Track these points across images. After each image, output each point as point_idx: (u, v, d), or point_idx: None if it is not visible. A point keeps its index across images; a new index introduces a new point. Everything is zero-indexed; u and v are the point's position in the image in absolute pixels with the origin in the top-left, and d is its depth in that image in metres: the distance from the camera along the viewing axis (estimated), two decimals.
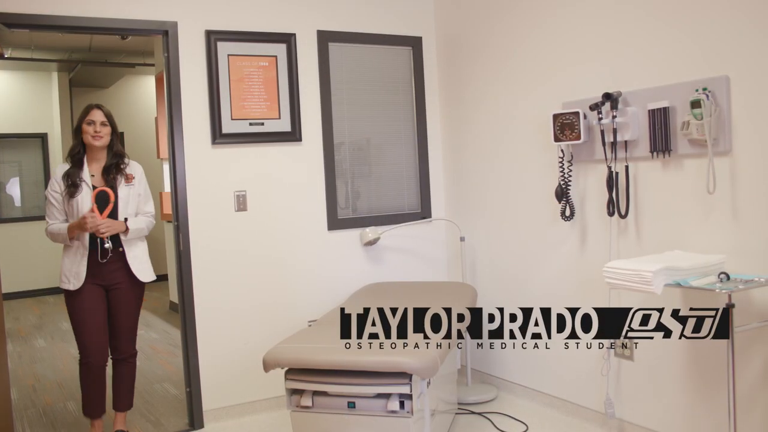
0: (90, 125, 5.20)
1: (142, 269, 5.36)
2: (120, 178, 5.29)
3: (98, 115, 5.23)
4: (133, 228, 5.22)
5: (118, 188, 5.25)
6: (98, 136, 5.21)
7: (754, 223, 4.10)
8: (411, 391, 4.06)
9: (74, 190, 5.16)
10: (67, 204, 5.19)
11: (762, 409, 4.16)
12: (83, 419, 6.11)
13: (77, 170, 5.24)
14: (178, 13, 5.71)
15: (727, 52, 4.17)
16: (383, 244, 6.55)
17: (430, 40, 6.86)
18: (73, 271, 5.21)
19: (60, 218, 5.25)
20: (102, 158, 5.32)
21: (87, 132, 5.20)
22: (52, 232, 5.25)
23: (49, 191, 5.27)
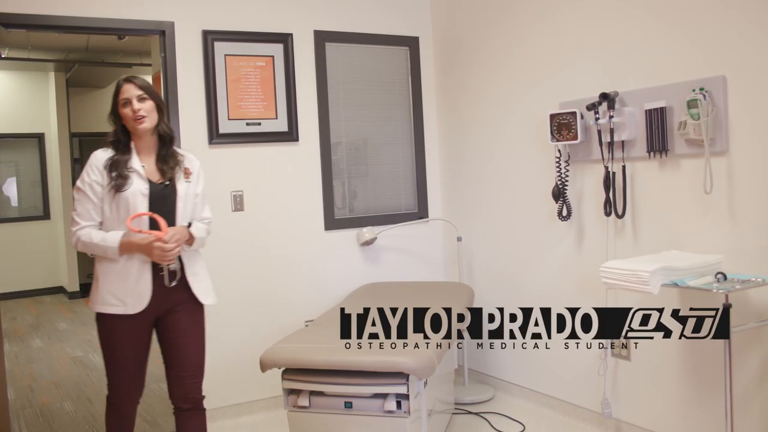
0: (126, 106, 4.00)
1: (204, 288, 4.32)
2: (178, 170, 4.20)
3: (132, 89, 4.01)
4: (197, 237, 4.20)
5: (177, 183, 4.16)
6: (140, 116, 4.00)
7: (751, 223, 4.11)
8: (408, 391, 4.06)
9: (122, 182, 3.97)
10: (111, 200, 3.99)
11: (759, 408, 4.16)
12: (80, 419, 6.11)
13: (125, 157, 4.05)
14: (175, 13, 5.71)
15: (724, 52, 4.17)
16: (380, 244, 6.55)
17: (427, 40, 6.87)
18: (129, 289, 4.00)
19: (96, 219, 4.03)
20: (151, 143, 4.16)
21: (126, 117, 4.02)
22: (86, 243, 4.01)
23: (86, 182, 4.00)
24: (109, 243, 3.95)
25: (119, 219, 3.99)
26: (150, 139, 4.13)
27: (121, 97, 4.03)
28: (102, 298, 4.04)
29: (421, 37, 6.83)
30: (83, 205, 4.02)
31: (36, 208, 13.73)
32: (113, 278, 4.02)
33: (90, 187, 4.00)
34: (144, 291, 3.99)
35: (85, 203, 4.01)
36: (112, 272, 4.03)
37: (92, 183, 4.00)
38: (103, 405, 6.29)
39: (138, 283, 3.99)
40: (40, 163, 13.71)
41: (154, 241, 3.90)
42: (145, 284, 4.00)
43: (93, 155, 4.06)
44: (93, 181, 4.00)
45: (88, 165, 4.05)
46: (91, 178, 4.01)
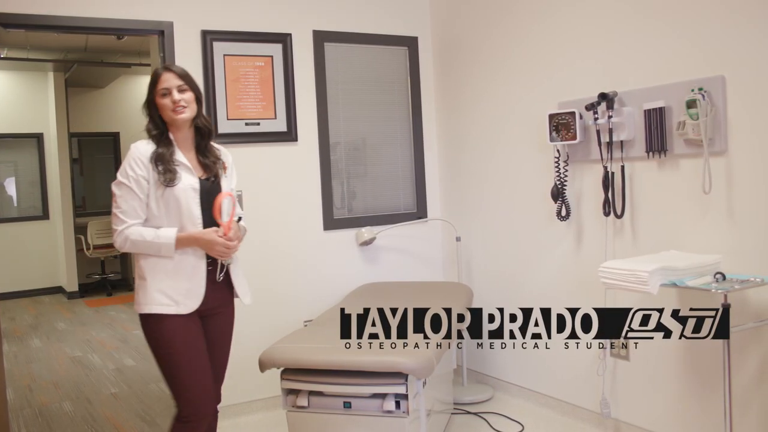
0: (166, 97, 3.77)
1: (245, 288, 4.16)
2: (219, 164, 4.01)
3: (172, 79, 3.80)
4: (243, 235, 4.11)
5: (221, 178, 3.99)
6: (181, 107, 3.77)
7: (749, 223, 4.11)
8: (407, 391, 4.06)
9: (172, 177, 3.73)
10: (159, 197, 3.74)
11: (758, 408, 4.16)
12: (79, 419, 6.11)
13: (168, 150, 3.80)
14: (174, 13, 5.71)
15: (723, 52, 4.17)
16: (379, 244, 6.55)
17: (426, 40, 6.87)
18: (181, 287, 3.76)
19: (142, 216, 3.76)
20: (189, 136, 3.93)
21: (164, 107, 3.78)
22: (136, 242, 3.72)
23: (131, 176, 3.72)
24: (164, 239, 3.69)
25: (168, 216, 3.75)
26: (188, 131, 3.90)
27: (161, 86, 3.79)
28: (151, 298, 3.75)
29: (420, 37, 6.83)
30: (128, 202, 3.72)
31: (35, 208, 13.74)
32: (164, 276, 3.75)
33: (136, 182, 3.71)
34: (198, 289, 3.79)
35: (130, 200, 3.72)
36: (162, 269, 3.76)
37: (138, 178, 3.71)
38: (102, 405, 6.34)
39: (192, 280, 3.78)
40: (39, 163, 13.72)
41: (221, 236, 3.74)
42: (199, 281, 3.79)
43: (135, 148, 3.78)
44: (139, 176, 3.71)
45: (130, 158, 3.75)
46: (137, 172, 3.71)
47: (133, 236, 3.70)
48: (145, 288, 3.77)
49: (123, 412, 6.26)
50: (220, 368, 4.09)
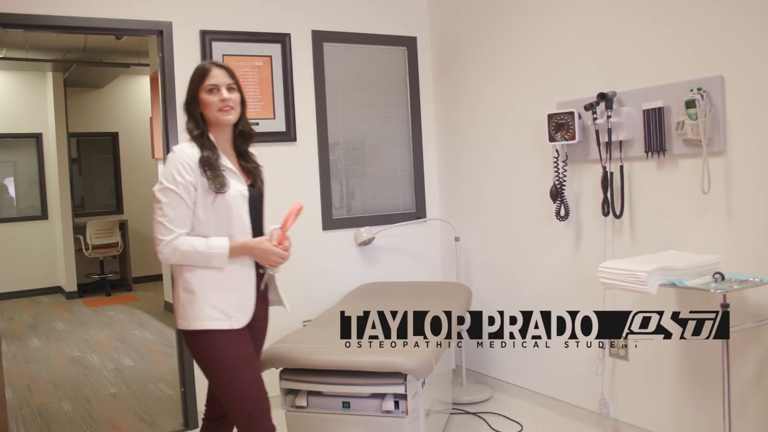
0: (214, 93, 3.55)
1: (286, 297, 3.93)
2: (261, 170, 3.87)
3: (222, 76, 3.58)
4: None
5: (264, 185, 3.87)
6: (228, 107, 3.56)
7: (748, 223, 4.11)
8: (406, 391, 4.06)
9: (222, 183, 3.48)
10: (209, 205, 3.49)
11: (756, 409, 4.17)
12: (78, 419, 6.11)
13: (213, 154, 3.54)
14: (173, 13, 5.70)
15: (722, 52, 4.17)
16: (378, 244, 6.55)
17: (424, 40, 6.87)
18: (233, 300, 3.54)
19: (189, 226, 3.51)
20: (228, 139, 3.70)
21: (210, 105, 3.54)
22: (186, 253, 3.46)
23: (179, 183, 3.44)
24: (217, 250, 3.45)
25: (216, 224, 3.51)
26: (229, 134, 3.68)
27: (209, 81, 3.54)
28: (203, 313, 3.49)
29: (418, 37, 6.83)
30: (176, 210, 3.44)
31: (34, 208, 13.73)
32: (215, 289, 3.51)
33: (185, 189, 3.43)
34: (249, 301, 3.58)
35: (178, 207, 3.44)
36: (213, 282, 3.51)
37: (187, 184, 3.44)
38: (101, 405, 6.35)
39: (243, 292, 3.57)
40: (38, 163, 13.71)
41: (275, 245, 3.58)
42: (249, 293, 3.59)
43: (180, 151, 3.51)
44: (188, 182, 3.44)
45: (177, 163, 3.46)
46: (186, 178, 3.43)
47: (183, 246, 3.44)
48: (194, 302, 3.50)
49: (122, 412, 6.26)
50: None
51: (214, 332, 3.50)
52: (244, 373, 3.57)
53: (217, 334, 3.51)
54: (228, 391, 3.62)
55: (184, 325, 3.55)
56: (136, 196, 14.43)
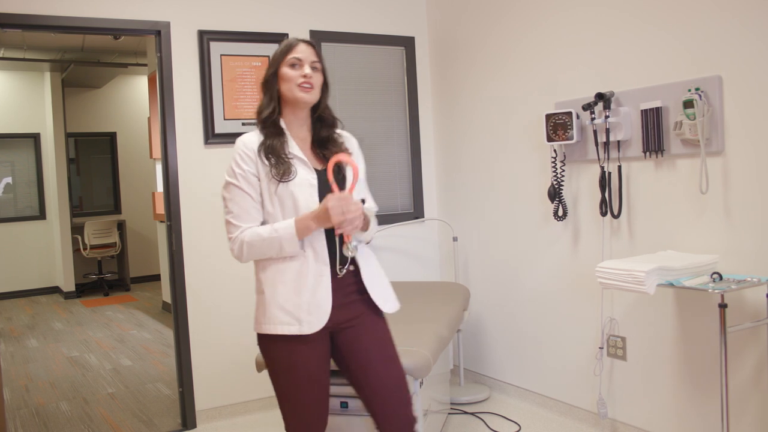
0: (296, 68, 3.30)
1: (383, 293, 3.42)
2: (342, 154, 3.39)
3: (308, 51, 3.35)
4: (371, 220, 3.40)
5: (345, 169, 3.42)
6: (308, 84, 3.28)
7: (746, 223, 4.11)
8: None
9: (286, 170, 3.21)
10: (273, 194, 3.22)
11: (754, 409, 4.17)
12: (76, 419, 6.11)
13: (279, 141, 3.29)
14: (171, 13, 5.70)
15: (720, 52, 4.17)
16: (376, 244, 6.54)
17: (422, 40, 6.87)
18: (303, 301, 3.18)
19: (258, 219, 3.26)
20: (305, 123, 3.43)
21: (290, 79, 3.29)
22: (254, 244, 3.19)
23: (239, 174, 3.23)
24: (283, 231, 3.13)
25: (283, 215, 3.22)
26: (305, 118, 3.41)
27: (293, 55, 3.31)
28: (271, 316, 3.21)
29: (416, 37, 6.83)
30: (239, 204, 3.23)
31: (32, 208, 13.73)
32: (283, 288, 3.20)
33: (245, 180, 3.22)
34: (323, 302, 3.18)
35: (241, 201, 3.23)
36: (281, 280, 3.21)
37: (247, 174, 3.22)
38: (99, 405, 6.34)
39: (316, 292, 3.18)
40: (36, 163, 13.71)
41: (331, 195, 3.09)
42: (323, 293, 3.19)
43: (239, 141, 3.29)
44: (247, 172, 3.23)
45: (235, 154, 3.27)
46: (244, 168, 3.23)
47: (249, 238, 3.18)
48: (264, 304, 3.25)
49: (120, 412, 6.26)
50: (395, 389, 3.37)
51: (281, 337, 3.21)
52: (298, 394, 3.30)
53: (284, 341, 3.22)
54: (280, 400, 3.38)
55: (255, 329, 3.32)
56: (134, 196, 14.46)
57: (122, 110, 14.50)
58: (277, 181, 3.19)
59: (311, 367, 3.25)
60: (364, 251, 3.39)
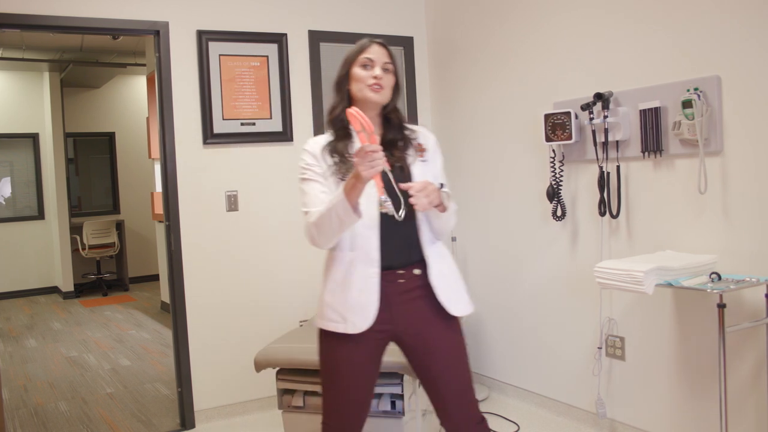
0: (367, 69, 3.34)
1: (453, 294, 3.38)
2: (411, 150, 3.42)
3: (380, 53, 3.38)
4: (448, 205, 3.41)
5: (411, 165, 3.39)
6: (378, 85, 3.29)
7: (745, 223, 4.11)
8: (402, 391, 4.07)
9: (345, 169, 3.24)
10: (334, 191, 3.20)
11: (753, 409, 4.17)
12: (74, 419, 6.11)
13: (344, 141, 3.35)
14: (170, 13, 5.70)
15: (718, 52, 4.17)
16: None
17: (421, 40, 6.86)
18: (350, 301, 3.24)
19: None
20: (374, 123, 3.27)
21: (361, 80, 3.32)
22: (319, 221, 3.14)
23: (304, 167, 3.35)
24: (335, 198, 3.06)
25: None
26: (375, 117, 3.37)
27: (365, 55, 3.36)
28: (323, 313, 3.32)
29: (415, 37, 6.83)
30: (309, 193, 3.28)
31: (30, 208, 13.72)
32: (334, 286, 3.31)
33: (311, 170, 3.31)
34: (369, 304, 3.20)
35: (312, 189, 3.28)
36: (332, 278, 3.32)
37: (311, 166, 3.31)
38: (98, 405, 6.34)
39: (362, 293, 3.21)
40: (35, 163, 13.70)
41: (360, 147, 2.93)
42: (370, 295, 3.21)
43: (306, 143, 3.41)
44: (313, 165, 3.31)
45: (303, 155, 3.36)
46: (309, 163, 3.32)
47: (314, 218, 3.17)
48: (320, 300, 3.38)
49: (118, 412, 6.26)
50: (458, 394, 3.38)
51: (330, 333, 3.29)
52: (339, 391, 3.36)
53: (331, 337, 3.30)
54: (324, 393, 3.42)
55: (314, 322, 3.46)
56: (132, 196, 14.45)
57: (121, 110, 14.49)
58: (338, 179, 3.22)
59: (355, 366, 3.29)
60: (436, 250, 3.38)
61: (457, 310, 3.33)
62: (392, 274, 3.25)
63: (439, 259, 3.35)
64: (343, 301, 3.23)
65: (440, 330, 3.31)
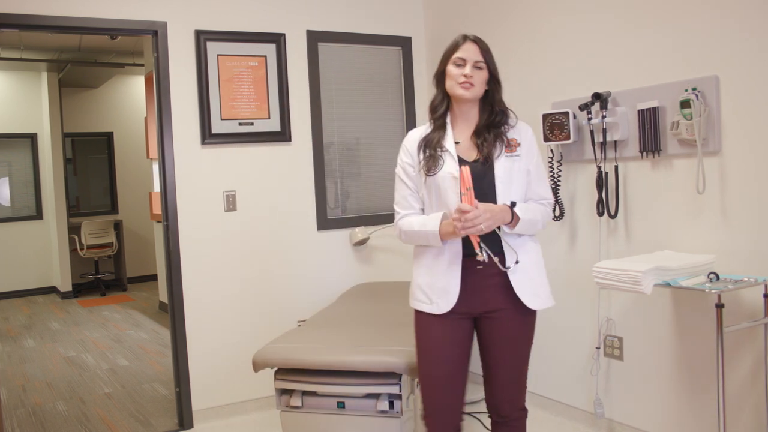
0: (458, 66, 3.50)
1: (532, 288, 3.56)
2: (499, 145, 3.52)
3: (472, 50, 3.51)
4: (524, 218, 3.45)
5: (495, 160, 3.49)
6: (468, 83, 3.47)
7: (743, 223, 4.12)
8: (400, 391, 4.06)
9: (433, 164, 3.50)
10: (423, 184, 3.56)
11: (751, 408, 4.17)
12: (72, 419, 6.11)
13: (438, 134, 3.57)
14: (168, 13, 5.70)
15: (717, 52, 4.18)
16: (373, 244, 6.55)
17: (419, 40, 6.86)
18: (437, 285, 3.51)
19: (416, 206, 3.63)
20: (471, 115, 3.61)
21: (453, 77, 3.51)
22: (408, 233, 3.59)
23: (399, 165, 3.69)
24: (430, 227, 3.45)
25: (432, 205, 3.55)
26: (470, 110, 3.60)
27: (457, 54, 3.51)
28: (413, 292, 3.65)
29: (413, 37, 6.83)
30: (400, 192, 3.68)
31: (29, 208, 13.71)
32: (423, 270, 3.60)
33: (403, 171, 3.66)
34: (451, 288, 3.47)
35: (401, 190, 3.67)
36: (423, 263, 3.61)
37: (405, 166, 3.65)
38: (96, 405, 6.36)
39: (445, 278, 3.49)
40: (33, 163, 13.70)
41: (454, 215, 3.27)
42: (452, 280, 3.47)
43: (407, 135, 3.72)
44: (405, 163, 3.65)
45: (402, 147, 3.70)
46: (404, 160, 3.66)
47: (405, 227, 3.61)
48: (412, 282, 3.68)
49: (116, 412, 6.25)
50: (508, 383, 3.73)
51: (419, 313, 3.60)
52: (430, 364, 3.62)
53: (421, 316, 3.60)
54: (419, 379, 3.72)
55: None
56: (130, 196, 14.45)
57: (119, 110, 14.49)
58: (425, 174, 3.52)
59: (443, 343, 3.56)
60: (522, 246, 3.54)
61: (533, 303, 3.53)
62: (473, 263, 3.43)
63: (521, 253, 3.51)
64: (430, 284, 3.53)
65: (509, 320, 3.55)
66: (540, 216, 3.55)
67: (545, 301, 3.60)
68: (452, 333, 3.55)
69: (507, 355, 3.62)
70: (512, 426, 3.80)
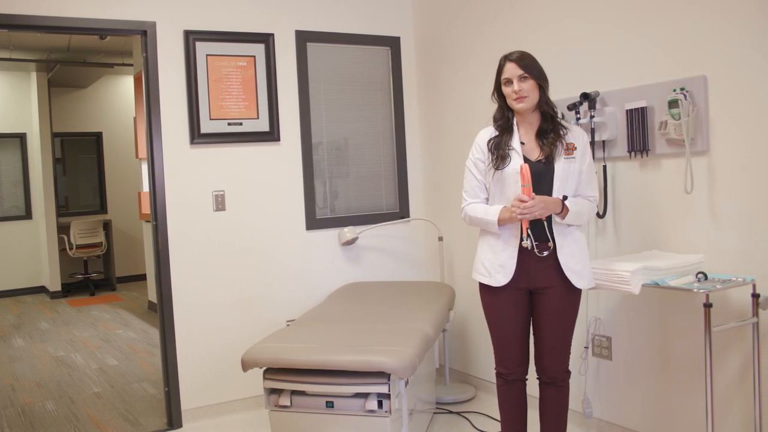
0: (508, 86, 4.09)
1: (578, 271, 4.08)
2: (559, 146, 4.06)
3: (513, 69, 4.07)
4: (572, 210, 3.98)
5: (555, 161, 4.03)
6: (521, 97, 4.04)
7: (731, 223, 4.13)
8: (389, 390, 4.06)
9: (501, 161, 4.07)
10: (491, 178, 4.14)
11: (739, 408, 4.18)
12: (62, 419, 6.10)
13: (506, 137, 4.14)
14: (157, 14, 5.70)
15: (705, 52, 4.19)
16: (361, 244, 6.55)
17: (408, 40, 6.87)
18: (495, 262, 4.14)
19: (481, 196, 4.22)
20: (534, 120, 4.17)
21: (507, 96, 4.11)
22: (472, 218, 4.22)
23: (471, 160, 4.26)
24: (490, 217, 4.10)
25: (498, 196, 4.15)
26: (532, 115, 4.18)
27: (504, 76, 4.13)
28: (476, 267, 4.27)
29: (402, 37, 6.83)
30: (469, 182, 4.28)
31: (18, 208, 13.68)
32: (486, 248, 4.22)
33: (474, 165, 4.25)
34: (507, 264, 4.10)
35: (470, 180, 4.28)
36: (486, 242, 4.23)
37: (476, 161, 4.24)
38: (85, 404, 6.35)
39: (504, 255, 4.11)
40: (22, 162, 13.68)
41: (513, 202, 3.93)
42: (509, 259, 4.09)
43: (478, 134, 4.33)
44: (477, 159, 4.24)
45: (474, 143, 4.31)
46: (475, 156, 4.26)
47: (470, 212, 4.24)
48: (476, 258, 4.29)
49: (105, 412, 6.25)
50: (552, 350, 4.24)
51: (483, 285, 4.24)
52: (496, 327, 4.29)
53: (483, 287, 4.26)
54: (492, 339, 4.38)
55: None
56: (120, 195, 14.44)
57: (108, 110, 14.47)
58: (494, 168, 4.11)
59: (504, 310, 4.20)
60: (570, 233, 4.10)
61: (579, 283, 4.08)
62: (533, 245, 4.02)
63: (570, 240, 4.09)
64: (491, 260, 4.16)
65: (558, 296, 4.11)
66: (586, 210, 4.11)
67: (588, 282, 4.12)
68: (512, 302, 4.16)
69: (555, 324, 4.16)
70: (558, 385, 4.32)
